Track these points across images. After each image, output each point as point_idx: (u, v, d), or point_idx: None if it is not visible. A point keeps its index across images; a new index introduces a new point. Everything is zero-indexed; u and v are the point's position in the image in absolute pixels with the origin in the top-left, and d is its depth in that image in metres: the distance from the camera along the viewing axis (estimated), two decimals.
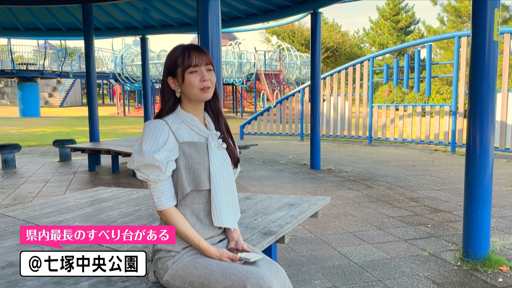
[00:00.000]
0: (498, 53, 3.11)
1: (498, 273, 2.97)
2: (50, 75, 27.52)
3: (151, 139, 1.55)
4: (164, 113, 1.64)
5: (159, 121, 1.59)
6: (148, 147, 1.54)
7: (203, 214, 1.64)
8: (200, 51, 1.62)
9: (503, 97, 8.58)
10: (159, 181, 1.57)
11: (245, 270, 1.46)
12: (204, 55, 1.61)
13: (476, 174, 3.13)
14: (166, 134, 1.56)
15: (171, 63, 1.62)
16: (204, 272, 1.51)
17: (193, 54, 1.59)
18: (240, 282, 1.43)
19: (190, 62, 1.58)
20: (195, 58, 1.59)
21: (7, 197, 5.48)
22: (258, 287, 1.41)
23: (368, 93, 11.25)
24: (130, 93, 35.05)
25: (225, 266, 1.50)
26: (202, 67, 1.60)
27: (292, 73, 27.61)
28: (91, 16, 8.31)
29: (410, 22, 37.53)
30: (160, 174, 1.56)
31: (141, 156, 1.54)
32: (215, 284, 1.48)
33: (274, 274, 1.50)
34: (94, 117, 8.60)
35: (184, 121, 1.63)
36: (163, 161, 1.54)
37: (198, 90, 1.59)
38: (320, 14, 7.50)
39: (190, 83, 1.59)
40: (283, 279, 1.53)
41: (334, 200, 5.22)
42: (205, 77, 1.59)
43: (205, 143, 1.63)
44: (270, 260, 1.59)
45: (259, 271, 1.46)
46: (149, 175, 1.55)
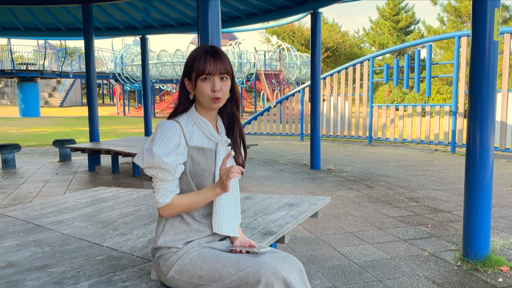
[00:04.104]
0: (498, 53, 3.11)
1: (498, 273, 2.97)
2: (50, 75, 27.52)
3: (162, 141, 1.54)
4: (179, 113, 1.63)
5: (172, 123, 1.57)
6: (158, 149, 1.53)
7: (201, 216, 1.64)
8: (218, 58, 1.57)
9: (503, 97, 8.58)
10: (167, 181, 1.57)
11: (259, 261, 1.45)
12: (220, 63, 1.56)
13: (476, 174, 3.13)
14: (177, 138, 1.55)
15: (188, 64, 1.60)
16: (214, 266, 1.50)
17: (208, 61, 1.55)
18: (255, 272, 1.42)
19: (203, 69, 1.55)
20: (210, 66, 1.55)
21: (7, 197, 5.48)
22: (273, 277, 1.41)
23: (368, 93, 11.25)
24: (130, 93, 35.07)
25: (237, 258, 1.50)
26: (216, 76, 1.56)
27: (292, 73, 27.61)
28: (91, 16, 8.31)
29: (410, 22, 37.55)
30: (169, 175, 1.55)
31: (151, 157, 1.54)
32: (227, 277, 1.47)
33: (288, 264, 1.49)
34: (94, 117, 8.60)
35: (197, 123, 1.62)
36: (172, 164, 1.53)
37: (207, 98, 1.57)
38: (320, 14, 7.50)
39: (201, 90, 1.57)
40: (298, 269, 1.52)
41: (334, 200, 5.22)
42: (216, 87, 1.56)
43: (214, 149, 1.62)
44: (282, 252, 1.58)
45: (272, 262, 1.45)
46: (158, 174, 1.55)
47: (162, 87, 34.93)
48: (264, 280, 1.41)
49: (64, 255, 1.99)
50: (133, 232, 2.36)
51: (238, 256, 1.52)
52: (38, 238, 2.27)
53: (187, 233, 1.61)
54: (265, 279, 1.41)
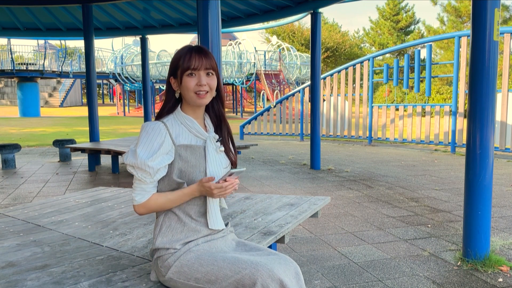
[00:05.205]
0: (498, 53, 3.11)
1: (498, 273, 2.97)
2: (50, 75, 27.52)
3: (146, 142, 1.55)
4: (165, 113, 1.64)
5: (156, 123, 1.59)
6: (142, 151, 1.54)
7: (197, 214, 1.65)
8: (203, 54, 1.59)
9: (503, 97, 8.58)
10: (145, 182, 1.58)
11: (254, 263, 1.46)
12: (205, 58, 1.59)
13: (476, 174, 3.13)
14: (162, 138, 1.56)
15: (174, 63, 1.62)
16: (210, 268, 1.51)
17: (194, 57, 1.58)
18: (251, 275, 1.43)
19: (188, 64, 1.57)
20: (195, 61, 1.57)
21: (7, 197, 5.48)
22: (268, 279, 1.41)
23: (368, 93, 11.25)
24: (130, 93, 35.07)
25: (233, 260, 1.50)
26: (201, 71, 1.58)
27: (292, 73, 27.61)
28: (91, 16, 8.31)
29: (410, 22, 37.55)
30: (148, 177, 1.57)
31: (134, 158, 1.56)
32: (223, 279, 1.47)
33: (284, 265, 1.49)
34: (94, 117, 8.60)
35: (183, 123, 1.63)
36: (154, 168, 1.55)
37: (193, 94, 1.59)
38: (320, 14, 7.50)
39: (186, 86, 1.58)
40: (295, 270, 1.52)
41: (334, 200, 5.22)
42: (201, 81, 1.58)
43: (203, 146, 1.63)
44: (278, 253, 1.59)
45: (268, 264, 1.45)
46: (138, 173, 1.57)
47: (162, 87, 34.89)
48: (260, 283, 1.41)
49: (64, 255, 1.99)
50: (133, 232, 2.36)
51: (234, 258, 1.52)
52: (38, 238, 2.27)
53: (184, 232, 1.62)
54: (261, 282, 1.41)
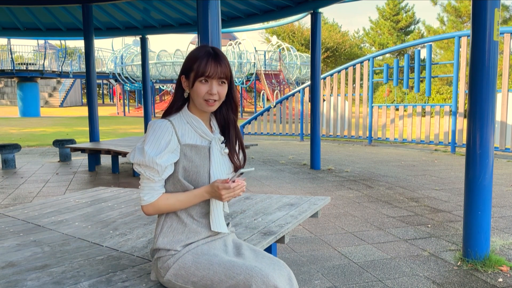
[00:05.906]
0: (498, 53, 3.11)
1: (498, 273, 2.97)
2: (50, 75, 27.52)
3: (153, 140, 1.55)
4: (173, 111, 1.64)
5: (163, 121, 1.59)
6: (150, 148, 1.54)
7: (199, 215, 1.65)
8: (219, 62, 1.57)
9: (503, 97, 8.58)
10: (153, 180, 1.57)
11: (249, 269, 1.46)
12: (220, 67, 1.57)
13: (476, 174, 3.13)
14: (169, 136, 1.56)
15: (188, 63, 1.60)
16: (206, 272, 1.51)
17: (210, 63, 1.55)
18: (245, 281, 1.43)
19: (204, 71, 1.55)
20: (210, 69, 1.55)
21: (7, 197, 5.48)
22: (263, 286, 1.41)
23: (368, 93, 11.25)
24: (130, 93, 35.06)
25: (228, 266, 1.50)
26: (215, 80, 1.57)
27: (292, 73, 27.61)
28: (91, 16, 8.31)
29: (410, 22, 37.56)
30: (156, 176, 1.56)
31: (142, 156, 1.55)
32: (218, 284, 1.48)
33: (278, 271, 1.49)
34: (94, 117, 8.60)
35: (189, 122, 1.63)
36: (162, 165, 1.54)
37: (202, 101, 1.59)
38: (320, 14, 7.50)
39: (197, 91, 1.57)
40: (288, 275, 1.52)
41: (334, 200, 5.22)
42: (213, 90, 1.57)
43: (207, 147, 1.63)
44: (272, 257, 1.59)
45: (263, 269, 1.45)
46: (146, 172, 1.56)
47: (162, 87, 34.94)
48: None
49: (64, 255, 1.99)
50: (133, 232, 2.36)
51: (230, 262, 1.51)
52: (38, 238, 2.27)
53: (185, 233, 1.61)
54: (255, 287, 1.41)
